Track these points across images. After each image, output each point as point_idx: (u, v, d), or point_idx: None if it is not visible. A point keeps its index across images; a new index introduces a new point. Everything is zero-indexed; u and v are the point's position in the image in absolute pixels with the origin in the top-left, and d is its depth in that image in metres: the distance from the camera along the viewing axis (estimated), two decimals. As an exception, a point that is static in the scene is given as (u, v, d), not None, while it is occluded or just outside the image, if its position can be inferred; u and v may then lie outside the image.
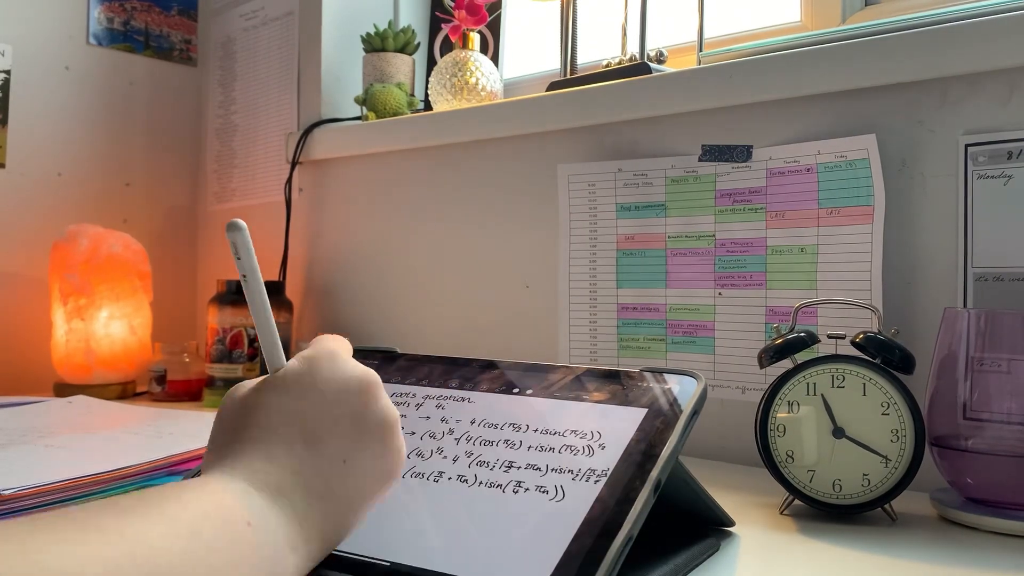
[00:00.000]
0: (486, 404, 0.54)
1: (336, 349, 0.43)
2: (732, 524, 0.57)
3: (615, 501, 0.42)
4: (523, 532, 0.43)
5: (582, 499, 0.43)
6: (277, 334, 0.43)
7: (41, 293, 1.22)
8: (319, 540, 0.38)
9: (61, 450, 0.71)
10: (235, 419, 0.41)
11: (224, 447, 0.40)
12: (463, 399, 0.56)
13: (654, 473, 0.43)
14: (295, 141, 1.26)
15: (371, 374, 0.42)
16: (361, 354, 0.66)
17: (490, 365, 0.58)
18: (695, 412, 0.48)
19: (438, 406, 0.56)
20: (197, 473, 0.55)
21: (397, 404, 0.57)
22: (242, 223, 0.41)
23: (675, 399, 0.49)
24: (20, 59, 1.26)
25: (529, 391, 0.54)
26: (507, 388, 0.55)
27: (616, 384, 0.52)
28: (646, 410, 0.49)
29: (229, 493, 0.35)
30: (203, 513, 0.33)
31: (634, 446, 0.46)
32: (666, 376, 0.51)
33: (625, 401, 0.50)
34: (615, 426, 0.48)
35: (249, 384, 0.42)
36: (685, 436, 0.46)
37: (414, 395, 0.58)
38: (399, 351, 0.65)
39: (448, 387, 0.58)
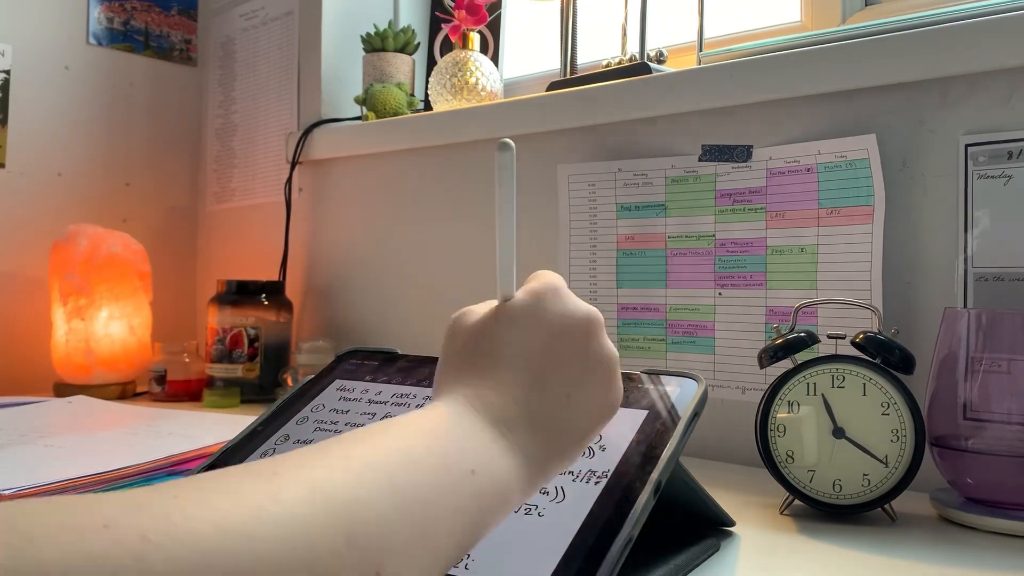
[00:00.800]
0: None
1: (559, 285, 0.43)
2: (732, 524, 0.57)
3: (615, 502, 0.42)
4: (523, 533, 0.43)
5: (582, 500, 0.43)
6: (515, 262, 0.43)
7: (41, 293, 1.22)
8: (539, 472, 0.39)
9: (61, 450, 0.71)
10: (466, 346, 0.42)
11: (457, 373, 0.40)
12: None
13: (654, 475, 0.43)
14: (295, 141, 1.26)
15: (595, 312, 0.42)
16: (362, 355, 0.66)
17: None
18: (696, 414, 0.48)
19: None
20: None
21: (396, 406, 0.57)
22: (512, 144, 0.41)
23: (676, 401, 0.49)
24: (20, 59, 1.26)
25: None
26: None
27: None
28: (647, 412, 0.49)
29: (458, 427, 0.36)
30: (428, 451, 0.33)
31: (634, 448, 0.46)
32: (666, 378, 0.51)
33: (625, 403, 0.50)
34: (615, 428, 0.48)
35: (478, 311, 0.43)
36: (686, 438, 0.46)
37: (415, 396, 0.58)
38: (400, 352, 0.65)
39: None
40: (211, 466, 0.56)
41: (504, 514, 0.36)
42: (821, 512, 0.61)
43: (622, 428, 0.48)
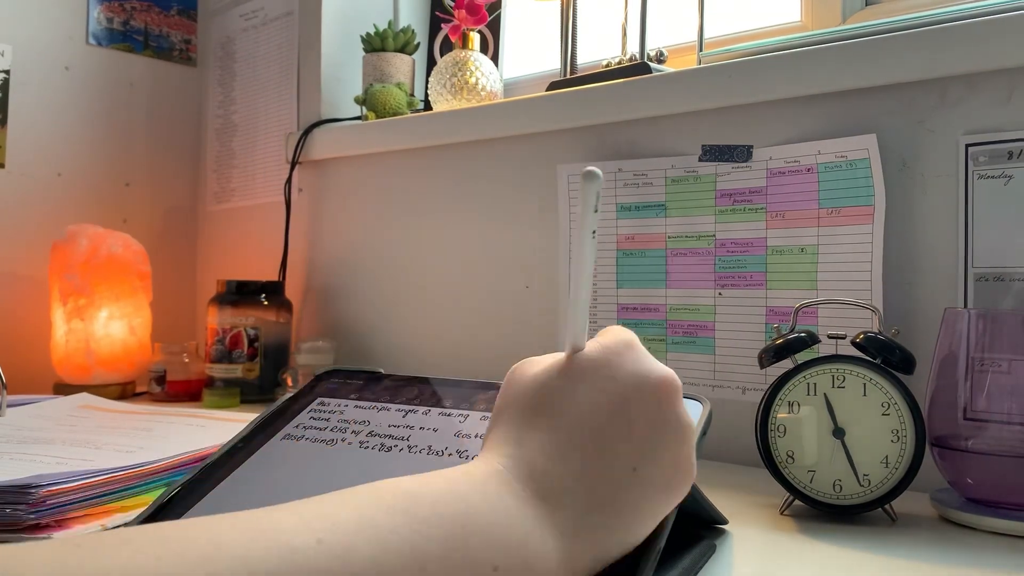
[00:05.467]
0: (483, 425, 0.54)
1: (633, 341, 0.39)
2: (726, 523, 0.57)
3: None
4: None
5: None
6: (587, 312, 0.38)
7: (41, 293, 1.22)
8: (589, 558, 0.34)
9: (64, 449, 0.71)
10: (525, 398, 0.37)
11: (510, 429, 0.36)
12: (462, 416, 0.55)
13: None
14: (295, 141, 1.26)
15: (672, 375, 0.38)
16: (343, 374, 0.65)
17: (484, 386, 0.58)
18: (704, 433, 0.48)
19: (435, 429, 0.55)
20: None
21: (388, 437, 0.56)
22: (599, 172, 0.35)
23: None
24: (20, 59, 1.26)
25: None
26: None
27: None
28: None
29: (493, 505, 0.31)
30: (449, 546, 0.29)
31: None
32: None
33: None
34: None
35: (542, 361, 0.38)
36: (698, 454, 0.46)
37: (406, 425, 0.57)
38: (384, 372, 0.63)
39: (442, 406, 0.57)
40: (193, 480, 0.54)
41: None
42: (821, 512, 0.61)
43: None
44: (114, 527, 0.56)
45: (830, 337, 0.64)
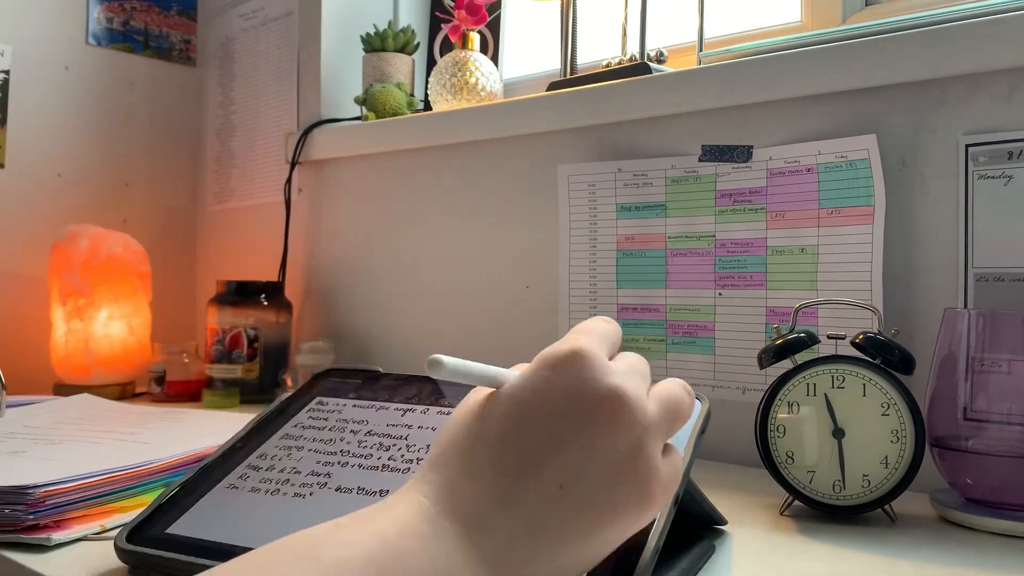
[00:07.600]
0: None
1: (580, 352, 0.35)
2: (725, 523, 0.57)
3: None
4: None
5: None
6: (489, 368, 0.37)
7: (41, 293, 1.22)
8: None
9: (63, 450, 0.71)
10: (456, 426, 0.36)
11: (436, 455, 0.35)
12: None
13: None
14: (294, 141, 1.26)
15: (618, 388, 0.35)
16: (341, 373, 0.64)
17: None
18: (702, 431, 0.48)
19: (433, 428, 0.55)
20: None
21: (387, 436, 0.56)
22: (440, 360, 0.34)
23: None
24: (20, 59, 1.26)
25: None
26: None
27: None
28: None
29: (416, 538, 0.31)
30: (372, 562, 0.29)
31: None
32: None
33: None
34: None
35: (484, 391, 0.37)
36: (696, 452, 0.46)
37: (405, 425, 0.57)
38: (382, 371, 0.64)
39: (441, 405, 0.57)
40: (191, 480, 0.54)
41: None
42: (821, 512, 0.61)
43: None
44: (113, 527, 0.56)
45: (830, 337, 0.64)
